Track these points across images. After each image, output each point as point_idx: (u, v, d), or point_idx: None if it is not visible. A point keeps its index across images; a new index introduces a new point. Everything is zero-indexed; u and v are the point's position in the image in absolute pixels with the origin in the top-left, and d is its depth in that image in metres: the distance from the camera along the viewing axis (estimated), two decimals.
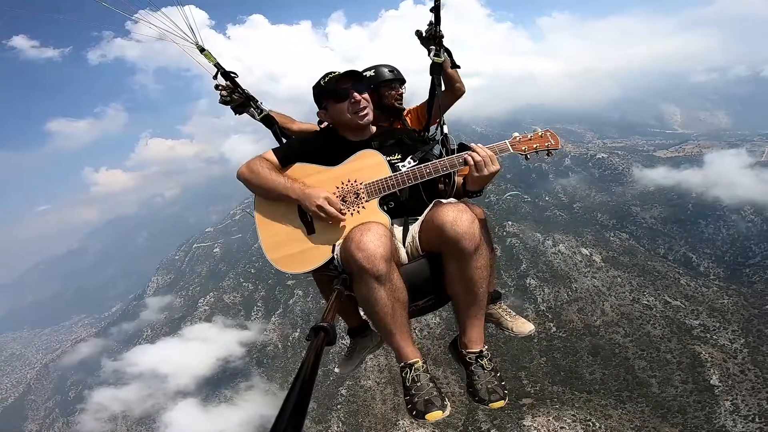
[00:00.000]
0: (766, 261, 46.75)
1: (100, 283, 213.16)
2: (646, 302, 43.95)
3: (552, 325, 44.39)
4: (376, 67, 3.46)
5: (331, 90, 2.57)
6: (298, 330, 57.09)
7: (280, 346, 58.28)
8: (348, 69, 2.57)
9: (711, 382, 37.15)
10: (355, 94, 2.53)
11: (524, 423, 36.66)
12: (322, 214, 2.31)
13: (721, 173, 60.78)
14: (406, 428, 39.90)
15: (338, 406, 43.52)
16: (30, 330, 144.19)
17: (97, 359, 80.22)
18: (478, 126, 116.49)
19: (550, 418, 37.18)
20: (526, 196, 67.63)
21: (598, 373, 40.48)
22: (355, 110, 2.54)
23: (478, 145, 2.40)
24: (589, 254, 49.82)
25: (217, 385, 59.48)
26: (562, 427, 36.38)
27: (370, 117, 2.60)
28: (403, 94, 3.51)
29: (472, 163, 2.35)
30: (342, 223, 2.36)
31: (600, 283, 46.52)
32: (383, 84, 3.40)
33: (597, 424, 36.54)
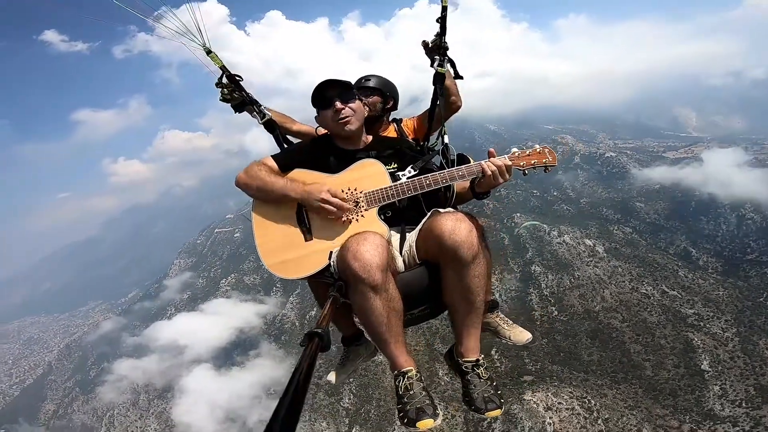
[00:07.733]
0: (763, 257, 48.12)
1: (116, 272, 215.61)
2: (644, 291, 45.73)
3: (554, 309, 46.36)
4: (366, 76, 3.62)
5: (319, 97, 2.62)
6: (315, 308, 59.58)
7: (297, 323, 60.89)
8: (333, 78, 2.59)
9: (702, 367, 38.91)
10: (338, 103, 2.55)
11: (524, 398, 38.75)
12: (327, 206, 2.32)
13: (719, 171, 62.13)
14: None
15: (350, 379, 44.82)
16: (47, 315, 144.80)
17: (118, 336, 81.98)
18: (491, 124, 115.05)
19: (549, 394, 39.28)
20: (535, 191, 69.32)
21: (596, 355, 42.48)
22: (337, 119, 2.56)
23: (492, 159, 2.43)
24: (592, 245, 51.59)
25: (231, 352, 62.23)
26: (559, 403, 38.49)
27: (353, 127, 2.59)
28: (377, 104, 3.52)
29: (489, 173, 2.38)
30: (340, 230, 2.37)
31: (601, 272, 48.33)
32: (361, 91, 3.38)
33: (592, 401, 38.56)
